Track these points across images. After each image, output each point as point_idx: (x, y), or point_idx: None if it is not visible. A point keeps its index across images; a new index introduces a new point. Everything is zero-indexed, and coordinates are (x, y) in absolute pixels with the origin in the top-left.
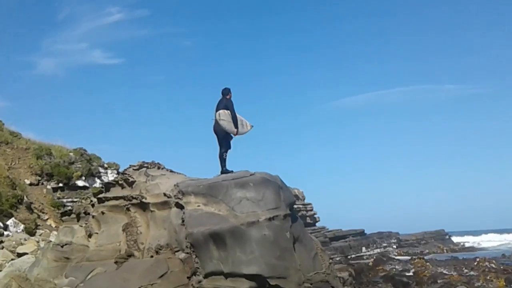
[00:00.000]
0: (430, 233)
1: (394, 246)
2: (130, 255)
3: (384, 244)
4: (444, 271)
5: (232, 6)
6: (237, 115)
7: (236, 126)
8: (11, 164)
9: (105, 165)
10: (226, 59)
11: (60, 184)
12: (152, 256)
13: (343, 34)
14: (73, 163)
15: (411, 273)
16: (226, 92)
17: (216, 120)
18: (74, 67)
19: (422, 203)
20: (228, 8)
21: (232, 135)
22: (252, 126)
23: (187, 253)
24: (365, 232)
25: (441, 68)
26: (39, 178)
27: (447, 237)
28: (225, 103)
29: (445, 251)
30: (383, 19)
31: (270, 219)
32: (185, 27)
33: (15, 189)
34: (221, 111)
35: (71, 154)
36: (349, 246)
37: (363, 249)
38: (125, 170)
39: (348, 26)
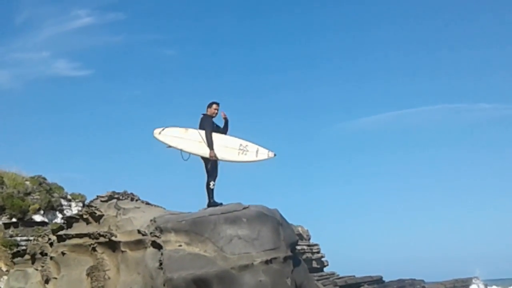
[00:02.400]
0: (461, 281)
1: None
2: None
3: None
4: None
5: (226, 7)
6: (245, 141)
7: (210, 147)
8: None
9: (69, 197)
10: (217, 72)
11: (14, 219)
12: None
13: (360, 43)
14: (29, 193)
15: None
16: (208, 106)
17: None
18: (33, 79)
19: (452, 244)
20: (220, 9)
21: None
22: (275, 154)
23: None
24: (383, 279)
25: (476, 85)
26: None
27: (482, 286)
28: (200, 120)
29: None
30: (409, 28)
31: (267, 262)
32: (167, 34)
33: None
34: (200, 131)
35: (27, 183)
36: None
37: None
38: (92, 202)
39: (366, 34)
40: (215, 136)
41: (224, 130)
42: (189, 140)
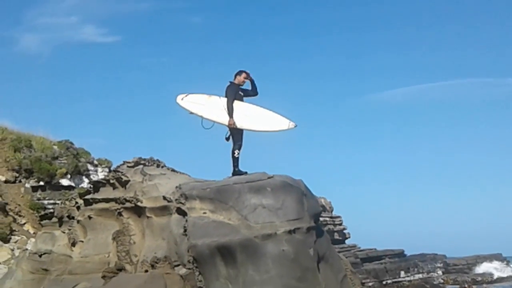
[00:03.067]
0: (484, 257)
1: (440, 272)
2: (120, 269)
3: (428, 269)
4: None
5: None
6: (267, 110)
7: (230, 115)
8: None
9: (95, 162)
10: (243, 39)
11: (41, 183)
12: (146, 271)
13: (384, 16)
14: (57, 158)
15: None
16: (237, 74)
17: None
18: (61, 44)
19: (476, 219)
20: None
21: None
22: (296, 125)
23: (189, 268)
24: (405, 253)
25: (504, 59)
26: (16, 175)
27: (504, 262)
28: (226, 88)
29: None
30: (439, 2)
31: (290, 232)
32: (194, 1)
33: None
34: (222, 98)
35: (55, 147)
36: (384, 270)
37: (402, 273)
38: (118, 167)
39: (389, 8)
40: (237, 104)
41: (252, 92)
42: (211, 107)
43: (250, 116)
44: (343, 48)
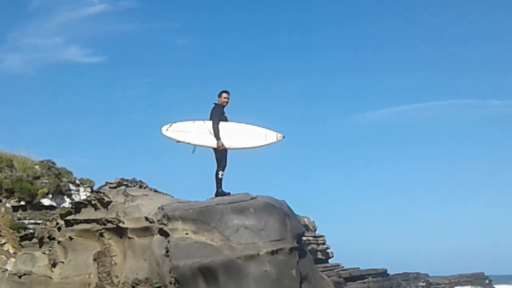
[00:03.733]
0: (466, 276)
1: None
2: None
3: None
4: None
5: None
6: (253, 126)
7: (217, 138)
8: None
9: (77, 182)
10: (227, 61)
11: (22, 202)
12: None
13: (370, 36)
14: (38, 177)
15: None
16: (218, 95)
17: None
18: (45, 65)
19: (458, 239)
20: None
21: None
22: (284, 137)
23: None
24: (388, 272)
25: (486, 81)
26: None
27: (487, 281)
28: (211, 110)
29: None
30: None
31: (273, 252)
32: (179, 22)
33: None
34: (206, 122)
35: (36, 167)
36: None
37: None
38: (100, 188)
39: (377, 28)
40: (222, 125)
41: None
42: (197, 132)
43: (238, 134)
44: (329, 69)
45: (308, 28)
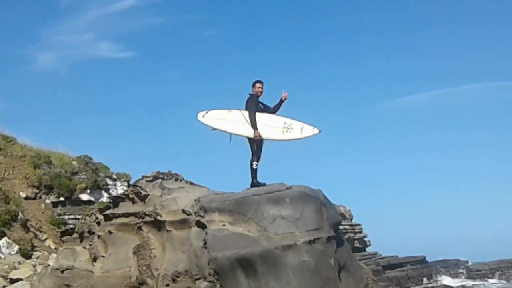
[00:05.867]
0: (507, 261)
1: (463, 277)
2: (142, 283)
3: (450, 274)
4: None
5: None
6: (289, 119)
7: (254, 127)
8: (4, 174)
9: (114, 176)
10: (257, 50)
11: (61, 198)
12: (168, 285)
13: (405, 19)
14: (76, 173)
15: None
16: (252, 85)
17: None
18: (78, 61)
19: (500, 224)
20: None
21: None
22: (320, 131)
23: (210, 281)
24: (427, 259)
25: None
26: (37, 191)
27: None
28: (246, 100)
29: None
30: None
31: (310, 242)
32: (208, 15)
33: (9, 203)
34: (243, 111)
35: (74, 162)
36: (406, 277)
37: (424, 280)
38: (137, 181)
39: (412, 14)
40: (259, 115)
41: (273, 110)
42: (233, 121)
43: (273, 126)
44: (356, 55)
45: (339, 12)
